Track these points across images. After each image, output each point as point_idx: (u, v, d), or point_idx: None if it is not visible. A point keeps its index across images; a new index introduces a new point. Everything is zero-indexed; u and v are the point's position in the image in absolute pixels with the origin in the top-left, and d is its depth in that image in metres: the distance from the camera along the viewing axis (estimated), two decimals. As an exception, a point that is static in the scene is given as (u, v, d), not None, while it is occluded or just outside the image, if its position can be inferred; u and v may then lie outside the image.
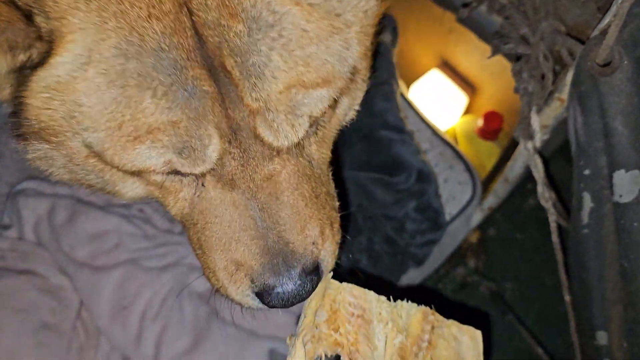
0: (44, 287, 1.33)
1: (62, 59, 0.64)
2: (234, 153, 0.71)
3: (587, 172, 1.02)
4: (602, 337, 1.19)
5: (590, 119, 0.95)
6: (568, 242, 1.24)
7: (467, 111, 2.10)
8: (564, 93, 1.08)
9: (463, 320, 0.77)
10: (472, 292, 1.91)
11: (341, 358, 0.69)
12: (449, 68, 2.05)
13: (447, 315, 0.76)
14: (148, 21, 0.62)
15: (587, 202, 1.04)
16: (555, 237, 1.25)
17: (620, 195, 0.96)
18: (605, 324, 1.16)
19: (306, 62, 0.68)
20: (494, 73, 1.89)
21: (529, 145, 1.19)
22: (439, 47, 2.03)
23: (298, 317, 0.78)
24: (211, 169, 0.72)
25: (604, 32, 0.88)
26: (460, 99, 2.04)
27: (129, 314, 1.33)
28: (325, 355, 0.68)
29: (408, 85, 2.04)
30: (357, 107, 0.91)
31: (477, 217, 1.69)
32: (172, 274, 1.38)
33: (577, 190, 1.07)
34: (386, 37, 1.57)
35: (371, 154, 1.45)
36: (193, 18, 0.64)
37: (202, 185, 0.77)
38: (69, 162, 0.79)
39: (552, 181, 1.26)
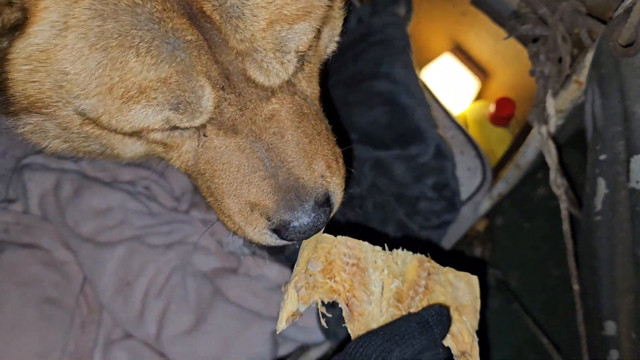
0: (48, 261, 1.33)
1: (38, 27, 0.63)
2: (230, 99, 0.71)
3: (603, 157, 0.99)
4: (610, 327, 1.17)
5: (610, 102, 0.92)
6: (578, 230, 1.22)
7: (479, 97, 2.07)
8: (582, 76, 1.05)
9: (459, 268, 0.77)
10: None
11: (338, 304, 0.70)
12: (461, 52, 2.01)
13: (443, 264, 0.76)
14: None
15: (602, 188, 1.02)
16: (566, 225, 1.23)
17: (637, 182, 0.93)
18: (615, 313, 1.14)
19: None
20: (506, 58, 1.85)
21: (543, 129, 1.17)
22: (451, 31, 1.99)
23: None
24: (210, 118, 0.72)
25: (628, 11, 0.84)
26: (472, 84, 2.01)
27: (132, 291, 1.32)
28: (322, 302, 0.68)
29: (420, 69, 2.01)
30: (337, 39, 0.90)
31: (485, 204, 1.66)
32: (177, 251, 1.37)
33: (591, 176, 1.04)
34: (400, 10, 1.54)
35: (392, 118, 1.45)
36: None
37: (204, 135, 0.77)
38: (64, 131, 0.78)
39: (564, 169, 1.24)
